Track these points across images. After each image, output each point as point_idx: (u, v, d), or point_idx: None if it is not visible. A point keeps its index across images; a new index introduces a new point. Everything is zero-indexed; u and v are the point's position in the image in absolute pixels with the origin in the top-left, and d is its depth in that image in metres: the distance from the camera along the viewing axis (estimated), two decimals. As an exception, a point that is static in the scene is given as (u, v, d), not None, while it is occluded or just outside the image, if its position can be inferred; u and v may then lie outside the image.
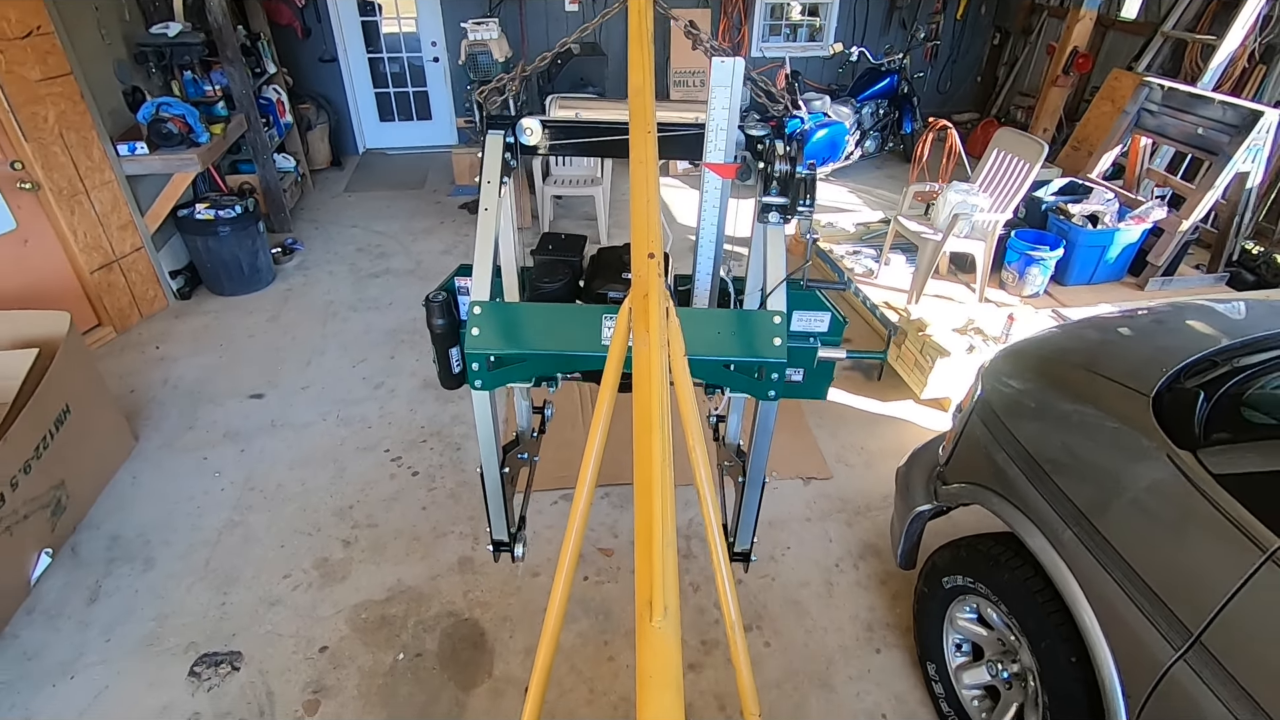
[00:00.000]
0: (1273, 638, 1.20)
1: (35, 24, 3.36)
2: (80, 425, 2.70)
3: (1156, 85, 4.35)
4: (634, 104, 1.31)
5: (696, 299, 1.86)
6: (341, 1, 6.44)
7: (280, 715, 2.16)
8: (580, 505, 0.90)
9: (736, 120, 1.56)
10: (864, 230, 4.92)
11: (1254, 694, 1.21)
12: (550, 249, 2.04)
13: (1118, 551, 1.46)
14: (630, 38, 1.47)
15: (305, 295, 4.55)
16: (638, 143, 1.23)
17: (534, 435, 2.30)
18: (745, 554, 2.03)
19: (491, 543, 2.02)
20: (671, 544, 0.70)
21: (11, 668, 2.27)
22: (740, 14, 6.88)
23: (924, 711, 2.20)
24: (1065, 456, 1.65)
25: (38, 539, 2.48)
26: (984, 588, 1.90)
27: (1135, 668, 1.42)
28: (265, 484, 3.02)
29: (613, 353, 0.99)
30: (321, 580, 2.60)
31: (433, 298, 1.71)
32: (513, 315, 1.59)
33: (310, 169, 6.30)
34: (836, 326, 1.81)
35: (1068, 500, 1.60)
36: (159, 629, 2.41)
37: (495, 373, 1.55)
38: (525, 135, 1.73)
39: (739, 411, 2.18)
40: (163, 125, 3.90)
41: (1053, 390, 1.77)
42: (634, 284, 1.00)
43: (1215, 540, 1.28)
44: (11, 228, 3.43)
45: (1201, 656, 1.30)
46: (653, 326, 0.91)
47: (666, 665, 0.61)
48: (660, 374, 0.86)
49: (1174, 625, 1.34)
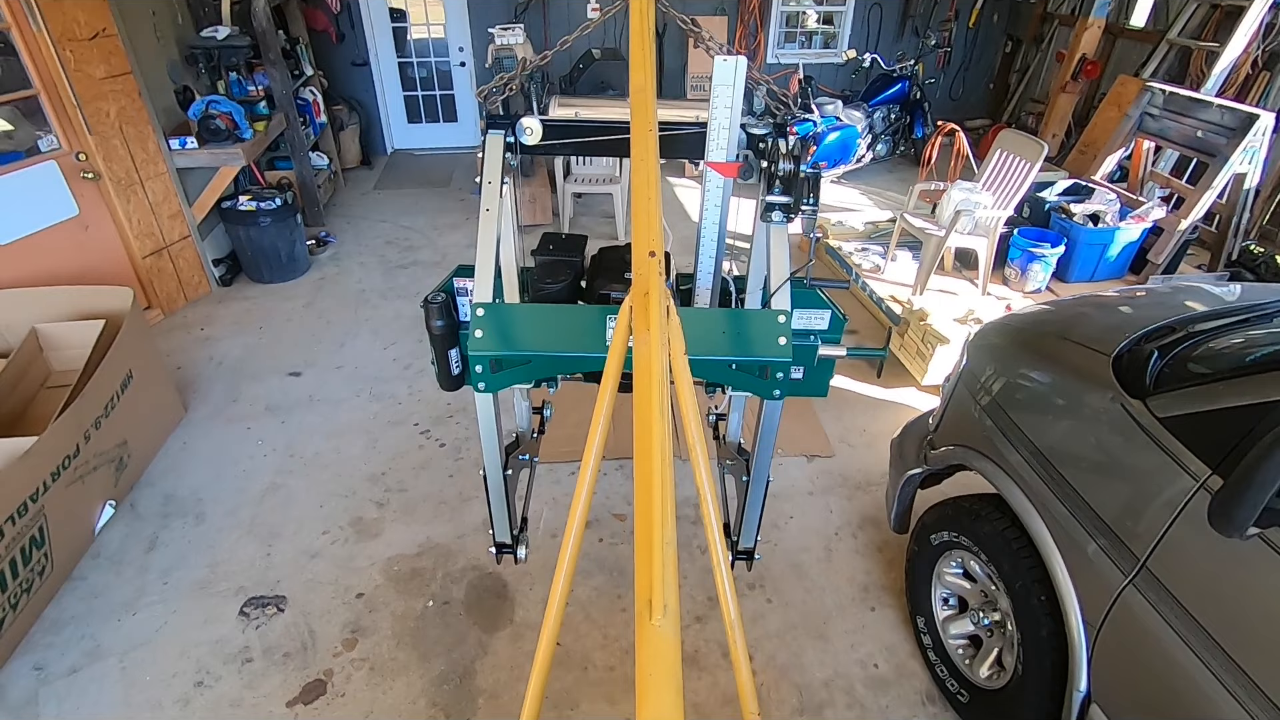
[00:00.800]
0: (1207, 557, 1.37)
1: (101, 26, 3.65)
2: (140, 391, 2.94)
3: (1158, 90, 4.49)
4: (635, 103, 1.30)
5: (698, 298, 1.86)
6: (374, 8, 6.74)
7: (321, 650, 2.37)
8: (580, 507, 0.89)
9: (739, 119, 1.56)
10: (872, 229, 5.09)
11: (1191, 610, 1.38)
12: (551, 249, 2.02)
13: (1077, 491, 1.63)
14: (632, 36, 1.46)
15: (338, 284, 4.81)
16: (639, 141, 1.23)
17: (534, 436, 2.29)
18: (749, 552, 2.03)
19: (494, 545, 2.01)
20: (671, 543, 0.70)
21: (80, 605, 2.51)
22: (756, 21, 7.10)
23: (913, 662, 2.37)
24: (1036, 412, 1.83)
25: (103, 491, 2.72)
26: (967, 540, 2.07)
27: (1093, 595, 1.59)
28: (304, 452, 3.25)
29: (613, 352, 0.98)
30: (357, 536, 2.82)
31: (431, 299, 1.68)
32: (515, 317, 1.57)
33: (342, 167, 6.59)
34: (837, 324, 1.81)
35: (1037, 450, 1.77)
36: (210, 575, 2.64)
37: (498, 375, 1.53)
38: (525, 135, 1.72)
39: (739, 410, 2.20)
40: (211, 121, 4.18)
41: (1028, 355, 1.95)
42: (634, 282, 1.00)
43: (1158, 474, 1.45)
44: (74, 214, 3.71)
45: (1147, 580, 1.46)
46: (653, 325, 0.91)
47: (666, 664, 0.61)
48: (660, 373, 0.86)
49: (1124, 553, 1.51)
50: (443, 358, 1.75)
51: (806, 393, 1.87)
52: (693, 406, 0.95)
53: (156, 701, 2.21)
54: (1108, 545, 1.55)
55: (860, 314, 4.40)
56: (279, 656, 2.35)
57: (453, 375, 1.78)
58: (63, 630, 2.41)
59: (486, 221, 1.61)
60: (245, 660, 2.34)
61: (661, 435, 0.79)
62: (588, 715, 2.20)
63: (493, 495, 1.89)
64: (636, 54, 1.41)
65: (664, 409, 0.82)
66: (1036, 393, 1.87)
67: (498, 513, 1.93)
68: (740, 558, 2.03)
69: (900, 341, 3.81)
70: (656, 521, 0.71)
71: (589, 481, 0.91)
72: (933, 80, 7.48)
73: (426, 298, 1.68)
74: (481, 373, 1.51)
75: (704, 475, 0.92)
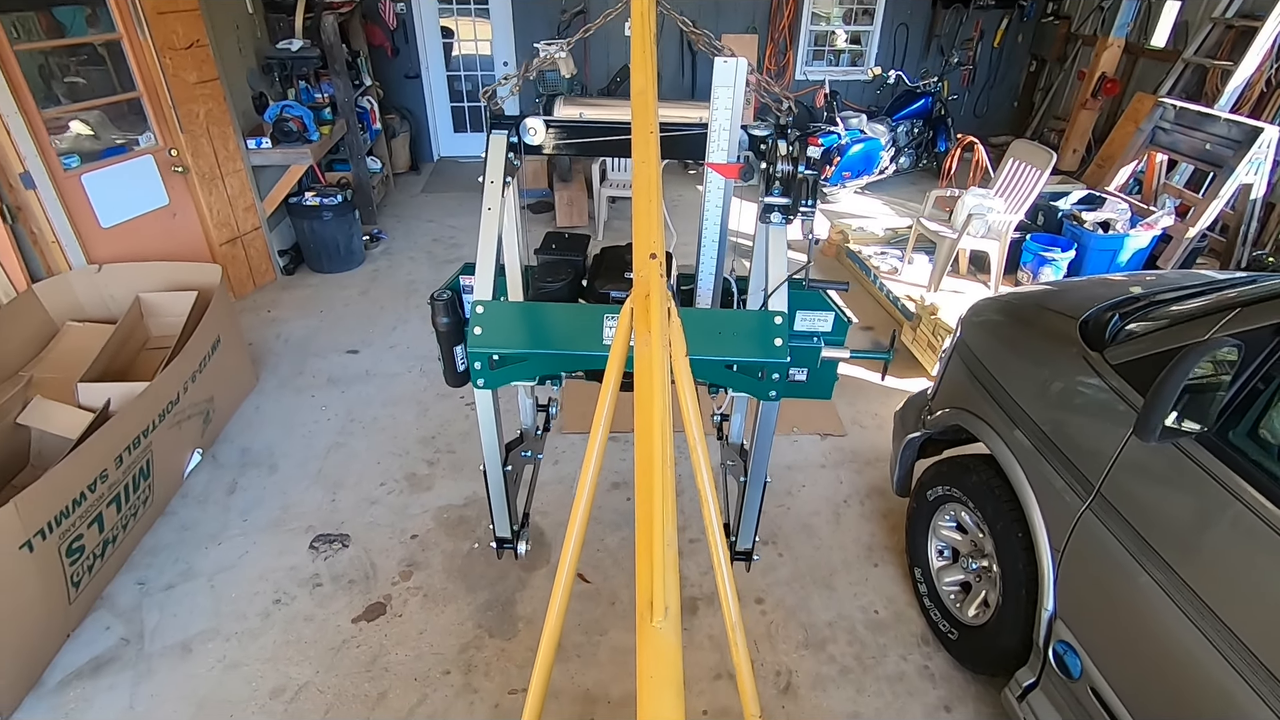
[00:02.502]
0: (1149, 480, 1.61)
1: (195, 37, 4.10)
2: (224, 356, 3.32)
3: (1170, 105, 4.70)
4: (636, 105, 1.31)
5: (699, 299, 1.85)
6: (427, 26, 7.23)
7: (381, 579, 2.69)
8: (581, 506, 0.90)
9: (739, 120, 1.56)
10: (891, 234, 5.35)
11: (1134, 524, 1.62)
12: (554, 248, 2.02)
13: (1046, 434, 1.88)
14: (633, 38, 1.47)
15: (390, 275, 5.21)
16: (640, 143, 1.23)
17: (538, 433, 2.29)
18: (747, 553, 2.03)
19: (494, 540, 2.00)
20: (672, 545, 0.70)
21: (173, 535, 2.86)
22: (786, 40, 7.43)
23: (910, 610, 2.60)
24: (1015, 371, 2.08)
25: (192, 439, 3.09)
26: (958, 492, 2.32)
27: (1057, 522, 1.84)
28: (363, 417, 3.60)
29: (614, 353, 0.98)
30: (410, 488, 3.14)
31: (437, 296, 1.68)
32: (515, 314, 1.58)
33: (393, 171, 7.04)
34: (840, 326, 1.79)
35: (1015, 404, 2.02)
36: (284, 515, 2.98)
37: (498, 371, 1.53)
38: (529, 135, 1.73)
39: (743, 411, 2.21)
40: (285, 124, 4.62)
41: (1012, 323, 2.21)
42: (636, 284, 1.00)
43: (1109, 410, 1.70)
44: (165, 203, 4.15)
45: (1101, 504, 1.71)
46: (655, 327, 0.90)
47: (667, 665, 0.61)
48: (662, 375, 0.86)
49: (1082, 481, 1.75)
50: (448, 354, 1.77)
51: (809, 395, 1.84)
52: (694, 408, 0.96)
53: (241, 613, 2.54)
54: (1069, 477, 1.80)
55: (877, 313, 4.65)
56: (345, 583, 2.68)
57: (458, 372, 1.80)
58: (159, 554, 2.77)
59: (488, 220, 1.61)
60: (315, 584, 2.67)
61: (663, 438, 0.79)
62: (614, 640, 2.47)
63: (492, 490, 1.89)
64: (638, 55, 1.41)
65: (665, 412, 0.81)
66: (1016, 354, 2.13)
67: (498, 508, 1.93)
68: (739, 558, 2.03)
69: (913, 335, 4.05)
70: (657, 524, 0.70)
71: (589, 489, 0.90)
72: (955, 96, 7.73)
73: (432, 295, 1.70)
74: (480, 369, 1.52)
75: (704, 476, 0.93)
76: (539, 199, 6.62)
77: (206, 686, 2.29)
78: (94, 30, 3.81)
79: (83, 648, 2.40)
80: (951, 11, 7.49)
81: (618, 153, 1.71)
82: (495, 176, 1.68)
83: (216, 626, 2.49)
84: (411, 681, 2.32)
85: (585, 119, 1.80)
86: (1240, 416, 1.43)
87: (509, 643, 2.46)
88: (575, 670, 2.37)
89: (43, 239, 3.46)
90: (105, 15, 3.72)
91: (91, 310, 3.40)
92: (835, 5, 7.57)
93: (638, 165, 1.19)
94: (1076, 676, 1.76)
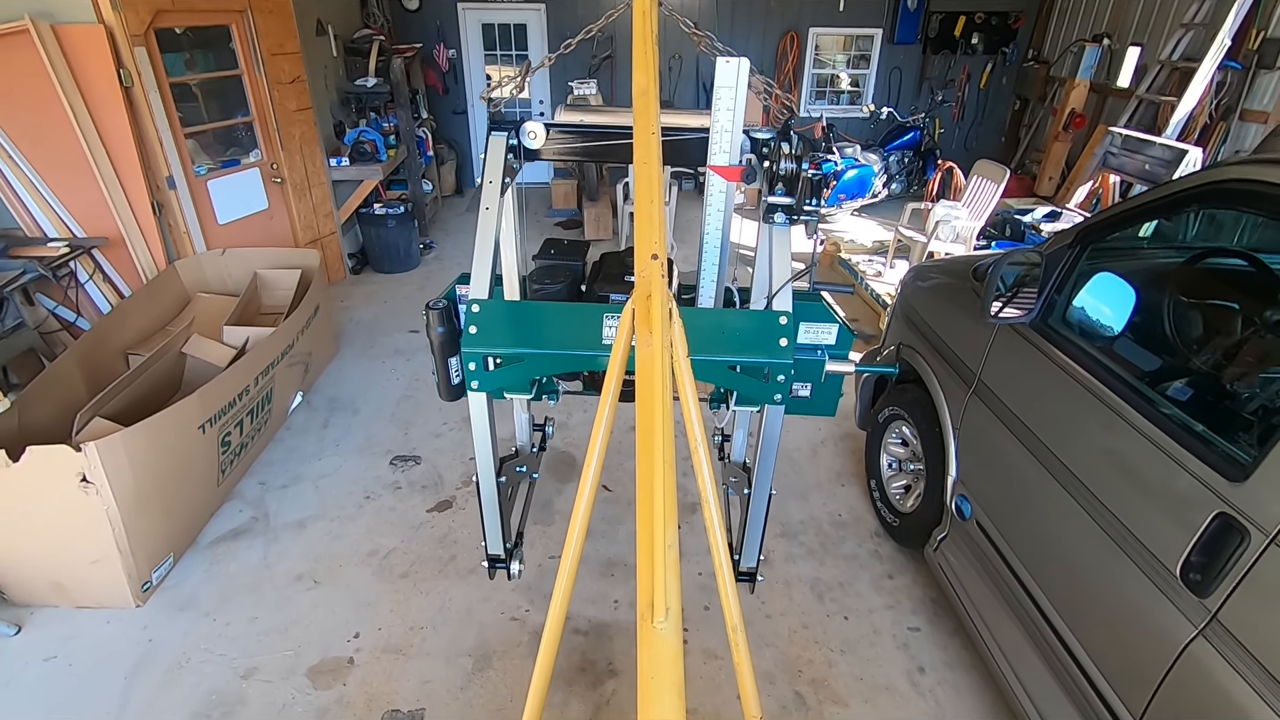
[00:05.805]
0: (1007, 361, 2.30)
1: (297, 74, 5.04)
2: (320, 323, 4.12)
3: (1117, 133, 5.44)
4: (638, 106, 1.29)
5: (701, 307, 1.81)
6: (474, 69, 8.24)
7: (447, 485, 3.41)
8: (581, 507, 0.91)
9: (741, 122, 1.52)
10: (878, 245, 6.09)
11: (1001, 397, 2.30)
12: (553, 253, 2.02)
13: (950, 347, 2.58)
14: (634, 38, 1.44)
15: (442, 276, 6.04)
16: (641, 145, 1.21)
17: (534, 451, 2.26)
18: (751, 573, 1.96)
19: (486, 558, 1.92)
20: (673, 547, 0.70)
21: (282, 453, 3.62)
22: (790, 81, 8.33)
23: (869, 516, 3.25)
24: (930, 309, 2.79)
25: (296, 383, 3.87)
26: (899, 409, 3.00)
27: (955, 409, 2.52)
28: (424, 377, 4.37)
29: (615, 355, 0.96)
30: (467, 427, 3.83)
31: (433, 304, 1.62)
32: (511, 314, 1.53)
33: (441, 194, 7.98)
34: (845, 339, 1.73)
35: (931, 329, 2.72)
36: (367, 442, 3.73)
37: (493, 374, 1.49)
38: (529, 139, 1.70)
39: (745, 427, 2.18)
40: (361, 146, 5.53)
41: (934, 276, 2.92)
42: (637, 285, 0.99)
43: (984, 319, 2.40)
44: (265, 207, 5.03)
45: (980, 388, 2.39)
46: (656, 327, 0.89)
47: (668, 666, 0.61)
48: (664, 376, 0.84)
49: (969, 375, 2.44)
50: (443, 366, 1.70)
51: (814, 411, 1.78)
52: (696, 411, 0.96)
53: (341, 504, 3.27)
54: (962, 374, 2.49)
55: (863, 310, 5.36)
56: (419, 487, 3.40)
57: (452, 384, 1.73)
58: (273, 466, 3.52)
59: (486, 220, 1.58)
60: (396, 488, 3.39)
61: (664, 439, 0.78)
62: (629, 528, 3.16)
63: (485, 503, 1.82)
64: (639, 55, 1.38)
65: (667, 413, 0.81)
66: (935, 298, 2.84)
67: (490, 523, 1.85)
68: (743, 579, 1.96)
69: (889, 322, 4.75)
70: (658, 525, 0.70)
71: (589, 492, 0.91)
72: (944, 130, 8.55)
73: (428, 304, 1.63)
74: (475, 370, 1.48)
75: (706, 478, 0.91)
76: (569, 217, 7.47)
77: (320, 548, 3.01)
78: (221, 68, 4.75)
79: (224, 522, 3.14)
80: (940, 57, 8.36)
81: (621, 157, 1.65)
82: (494, 177, 1.65)
83: (323, 512, 3.22)
84: (474, 549, 3.02)
85: (586, 123, 1.77)
86: (1053, 308, 2.12)
87: (549, 527, 3.15)
88: (601, 546, 3.05)
89: (176, 229, 4.32)
90: (230, 56, 4.66)
91: (215, 285, 4.24)
92: (839, 52, 8.49)
93: (639, 166, 1.17)
94: (968, 516, 2.42)
